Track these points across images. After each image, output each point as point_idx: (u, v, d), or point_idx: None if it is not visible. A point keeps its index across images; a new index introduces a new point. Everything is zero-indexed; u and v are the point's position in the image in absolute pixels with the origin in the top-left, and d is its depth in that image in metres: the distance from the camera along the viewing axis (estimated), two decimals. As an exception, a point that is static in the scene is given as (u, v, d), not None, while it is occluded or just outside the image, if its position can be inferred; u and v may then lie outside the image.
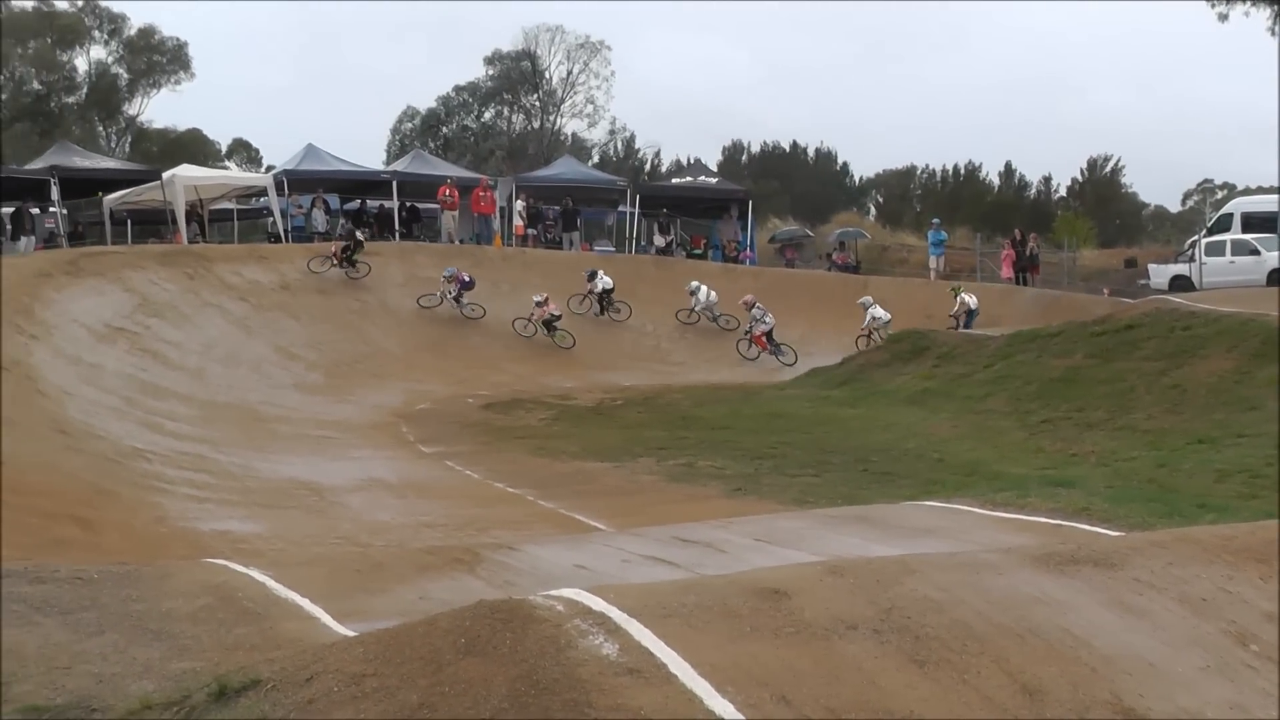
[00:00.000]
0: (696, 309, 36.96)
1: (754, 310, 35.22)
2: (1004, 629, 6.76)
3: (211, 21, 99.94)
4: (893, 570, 7.40)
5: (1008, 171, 71.36)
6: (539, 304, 34.84)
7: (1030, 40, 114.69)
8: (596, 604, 6.59)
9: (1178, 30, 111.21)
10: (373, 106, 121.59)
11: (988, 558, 8.00)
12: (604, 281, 36.70)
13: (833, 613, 6.70)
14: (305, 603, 8.83)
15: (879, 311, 35.45)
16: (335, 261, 35.26)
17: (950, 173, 71.53)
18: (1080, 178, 69.63)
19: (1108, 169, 69.09)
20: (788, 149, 75.07)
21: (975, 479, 17.32)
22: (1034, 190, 71.00)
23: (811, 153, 75.06)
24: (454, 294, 35.15)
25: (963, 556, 8.22)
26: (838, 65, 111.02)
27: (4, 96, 64.24)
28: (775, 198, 63.06)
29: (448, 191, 40.64)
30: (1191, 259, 36.76)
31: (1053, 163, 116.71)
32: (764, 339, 35.08)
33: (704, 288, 36.99)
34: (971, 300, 36.19)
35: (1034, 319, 31.47)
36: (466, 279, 35.15)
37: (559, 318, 35.05)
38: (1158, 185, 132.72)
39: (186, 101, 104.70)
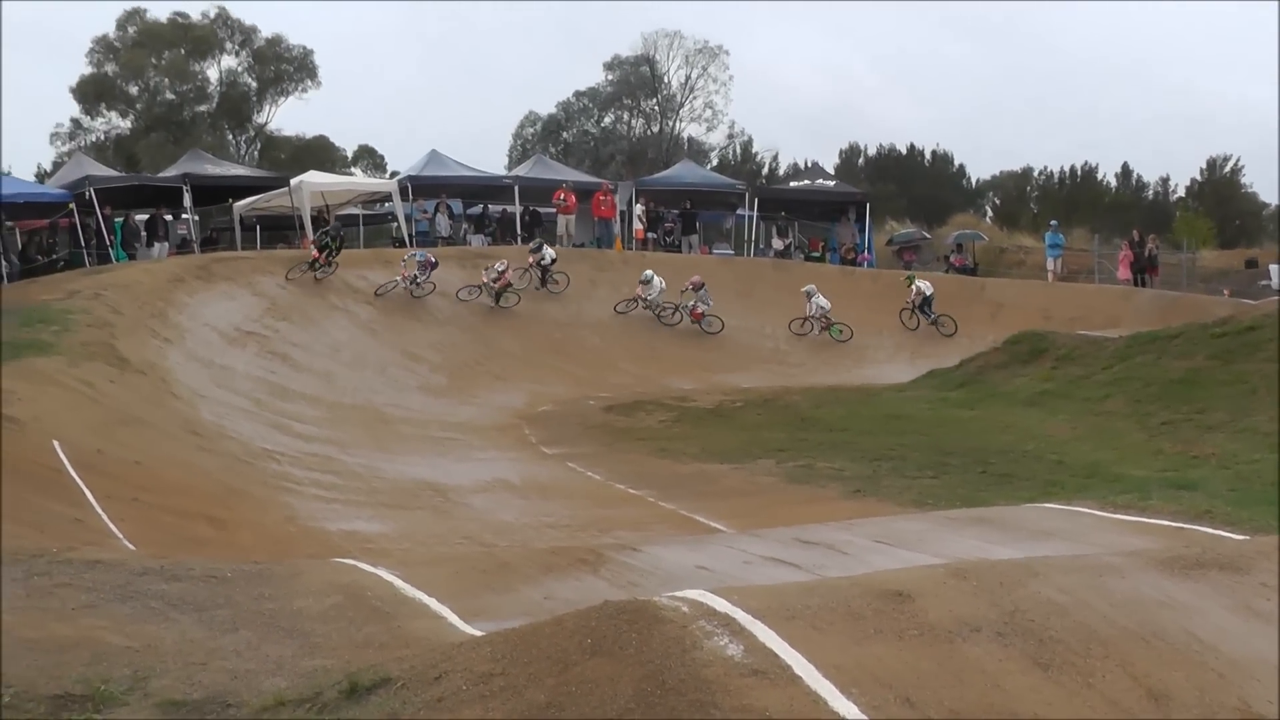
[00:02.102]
0: (649, 298, 36.75)
1: (699, 292, 36.53)
2: (1129, 633, 6.72)
3: (337, 30, 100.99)
4: (1016, 573, 7.38)
5: (1125, 172, 70.43)
6: (501, 271, 35.24)
7: (1147, 34, 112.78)
8: (721, 605, 6.65)
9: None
10: (495, 113, 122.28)
11: (1111, 560, 7.94)
12: (549, 254, 37.14)
13: (956, 615, 6.71)
14: (432, 602, 8.96)
15: (822, 300, 36.91)
16: (319, 262, 33.49)
17: (1067, 174, 70.60)
18: (1199, 177, 68.50)
19: (1227, 168, 67.83)
20: (904, 151, 74.49)
21: (1095, 481, 17.16)
22: (1152, 191, 70.07)
23: (928, 155, 74.43)
24: (417, 279, 34.45)
25: (1086, 559, 8.18)
26: (954, 66, 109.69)
27: (139, 106, 65.51)
28: (892, 200, 62.46)
29: (562, 195, 40.95)
30: (1313, 259, 36.08)
31: (1169, 162, 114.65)
32: (699, 315, 36.69)
33: (657, 278, 36.89)
34: (927, 287, 37.33)
35: (1153, 320, 30.99)
36: (433, 260, 34.88)
37: (510, 286, 35.52)
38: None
39: (313, 109, 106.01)
